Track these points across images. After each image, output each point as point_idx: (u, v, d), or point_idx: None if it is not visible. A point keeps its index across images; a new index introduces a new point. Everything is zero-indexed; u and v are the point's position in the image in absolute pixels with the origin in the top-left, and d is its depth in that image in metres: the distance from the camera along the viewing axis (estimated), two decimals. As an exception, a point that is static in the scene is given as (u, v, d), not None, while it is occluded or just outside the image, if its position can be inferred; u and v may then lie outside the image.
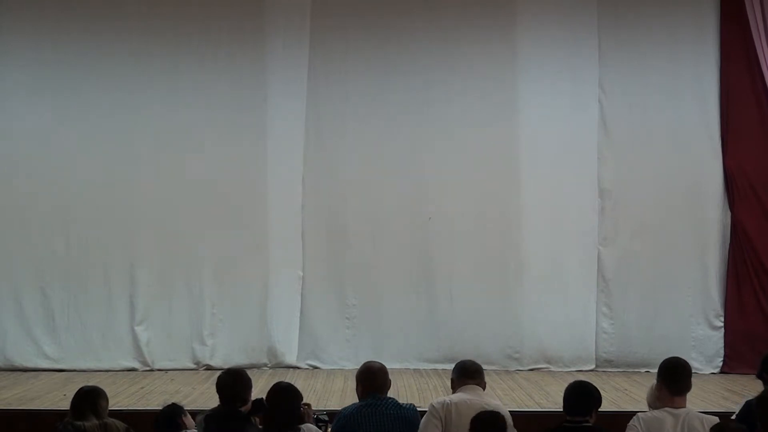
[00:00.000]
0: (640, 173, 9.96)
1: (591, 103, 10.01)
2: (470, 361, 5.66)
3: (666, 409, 5.19)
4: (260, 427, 5.22)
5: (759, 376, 5.70)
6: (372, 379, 5.52)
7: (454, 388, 5.54)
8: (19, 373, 9.30)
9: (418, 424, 5.44)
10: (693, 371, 5.53)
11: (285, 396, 5.13)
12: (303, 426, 5.21)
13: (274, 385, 5.24)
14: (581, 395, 5.13)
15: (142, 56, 9.82)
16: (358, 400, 5.52)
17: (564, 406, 5.12)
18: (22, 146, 9.73)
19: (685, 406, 5.22)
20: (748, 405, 5.46)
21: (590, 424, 5.02)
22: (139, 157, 9.76)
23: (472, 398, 5.34)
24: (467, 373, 5.54)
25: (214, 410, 5.33)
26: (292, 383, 5.34)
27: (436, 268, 9.96)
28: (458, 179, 9.90)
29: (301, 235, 9.99)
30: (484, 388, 5.53)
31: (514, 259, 9.92)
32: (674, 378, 5.27)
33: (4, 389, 8.34)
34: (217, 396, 5.40)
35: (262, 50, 9.93)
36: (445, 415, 5.31)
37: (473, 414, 5.04)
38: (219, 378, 5.42)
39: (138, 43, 9.83)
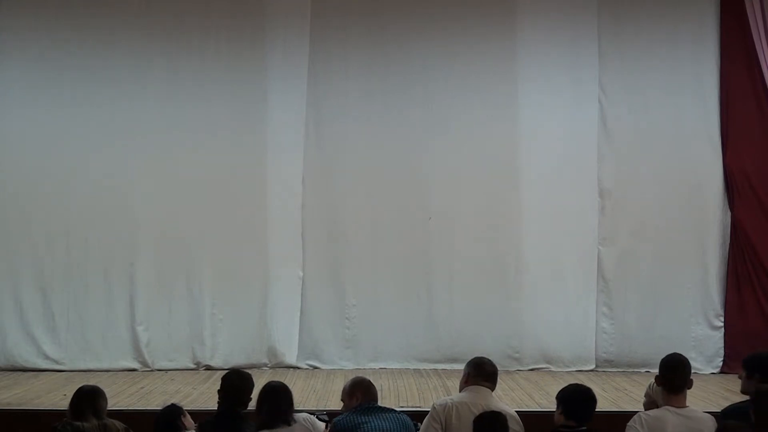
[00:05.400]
0: (640, 173, 9.96)
1: (591, 103, 10.01)
2: (489, 360, 5.65)
3: (667, 408, 5.15)
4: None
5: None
6: (369, 389, 5.56)
7: (465, 383, 5.53)
8: (19, 373, 9.30)
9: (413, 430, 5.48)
10: (693, 371, 5.53)
11: (273, 396, 5.17)
12: (298, 416, 5.25)
13: (265, 385, 5.28)
14: (587, 400, 5.09)
15: (141, 55, 9.82)
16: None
17: (564, 410, 5.06)
18: (21, 146, 9.72)
19: (686, 405, 5.19)
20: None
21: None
22: (138, 156, 9.74)
23: (476, 401, 5.33)
24: (484, 374, 5.53)
25: (211, 417, 5.32)
26: (284, 383, 5.37)
27: (436, 268, 9.95)
28: (458, 179, 9.90)
29: (301, 235, 9.98)
30: (493, 391, 5.53)
31: (514, 258, 9.92)
32: (672, 376, 5.24)
33: (5, 389, 8.34)
34: (217, 395, 5.40)
35: (262, 50, 9.93)
36: (445, 418, 5.31)
37: (473, 418, 5.04)
38: (226, 377, 5.40)
39: (138, 42, 9.82)
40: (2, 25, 9.79)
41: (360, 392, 5.55)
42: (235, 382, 5.35)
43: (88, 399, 5.34)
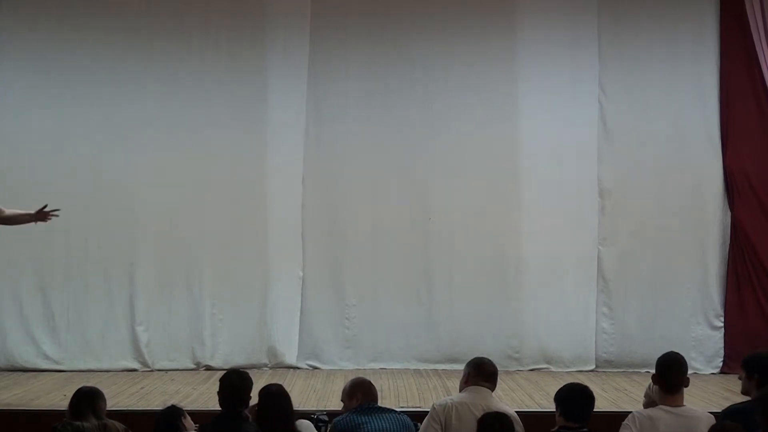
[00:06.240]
0: (640, 173, 9.95)
1: (591, 103, 10.00)
2: (489, 361, 5.65)
3: (661, 407, 5.13)
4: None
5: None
6: (369, 389, 5.56)
7: (465, 384, 5.53)
8: (19, 373, 9.28)
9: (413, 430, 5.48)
10: (693, 371, 5.54)
11: (275, 400, 5.16)
12: (299, 422, 5.24)
13: (264, 388, 5.26)
14: (584, 398, 5.07)
15: (141, 55, 9.79)
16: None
17: (563, 411, 5.04)
18: (21, 146, 9.71)
19: (682, 404, 5.18)
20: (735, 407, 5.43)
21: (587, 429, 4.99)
22: (138, 156, 9.73)
23: (476, 401, 5.33)
24: (484, 374, 5.52)
25: (211, 420, 5.32)
26: (282, 386, 5.35)
27: (436, 268, 9.95)
28: (458, 179, 9.90)
29: (301, 235, 9.98)
30: (493, 391, 5.52)
31: (514, 259, 9.91)
32: (667, 375, 5.20)
33: (5, 389, 8.34)
34: (218, 396, 5.40)
35: (262, 49, 9.93)
36: (445, 418, 5.31)
37: (474, 418, 5.04)
38: (225, 377, 5.38)
39: (138, 42, 9.79)
40: (2, 25, 9.77)
41: (360, 393, 5.55)
42: (235, 382, 5.33)
43: (88, 399, 5.34)
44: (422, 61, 9.97)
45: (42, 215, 7.66)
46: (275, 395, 5.19)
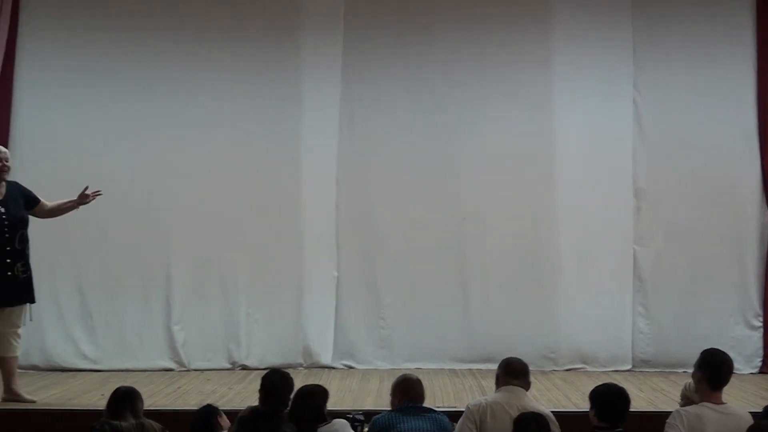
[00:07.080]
0: (676, 173, 9.87)
1: (626, 103, 9.93)
2: (517, 359, 5.66)
3: (705, 404, 5.09)
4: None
5: None
6: (410, 388, 5.59)
7: (498, 385, 5.55)
8: (58, 372, 9.37)
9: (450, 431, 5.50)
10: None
11: (307, 398, 5.22)
12: (334, 421, 5.28)
13: (298, 390, 5.32)
14: (621, 400, 5.04)
15: (175, 56, 9.85)
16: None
17: (597, 411, 5.01)
18: (55, 147, 9.77)
19: (723, 402, 5.14)
20: None
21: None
22: (173, 157, 9.79)
23: (510, 401, 5.33)
24: (513, 373, 5.53)
25: (249, 412, 5.36)
26: (320, 384, 5.41)
27: (471, 268, 9.93)
28: (492, 179, 9.87)
29: (336, 236, 10.00)
30: (527, 389, 5.51)
31: (549, 258, 9.87)
32: (719, 374, 5.17)
33: (44, 389, 8.41)
34: (258, 395, 5.46)
35: (296, 50, 9.94)
36: (480, 417, 5.32)
37: (508, 418, 5.03)
38: (267, 377, 5.45)
39: (171, 42, 9.84)
40: (28, 23, 9.76)
41: (399, 392, 5.58)
42: (276, 383, 5.40)
43: (126, 399, 5.41)
44: (456, 60, 9.94)
45: (84, 198, 7.74)
46: (303, 395, 5.25)
